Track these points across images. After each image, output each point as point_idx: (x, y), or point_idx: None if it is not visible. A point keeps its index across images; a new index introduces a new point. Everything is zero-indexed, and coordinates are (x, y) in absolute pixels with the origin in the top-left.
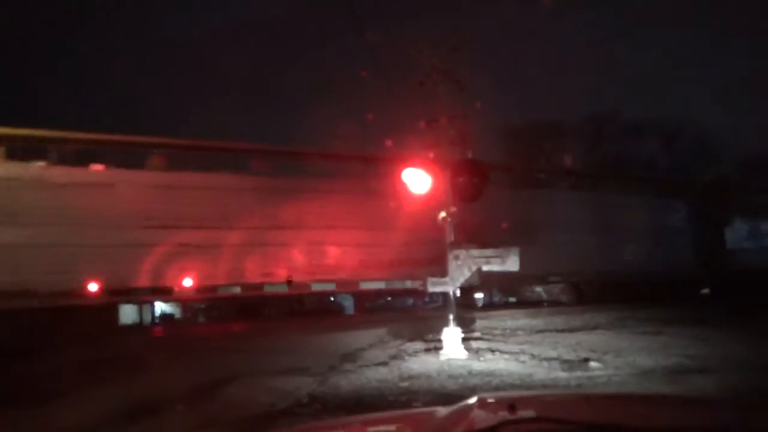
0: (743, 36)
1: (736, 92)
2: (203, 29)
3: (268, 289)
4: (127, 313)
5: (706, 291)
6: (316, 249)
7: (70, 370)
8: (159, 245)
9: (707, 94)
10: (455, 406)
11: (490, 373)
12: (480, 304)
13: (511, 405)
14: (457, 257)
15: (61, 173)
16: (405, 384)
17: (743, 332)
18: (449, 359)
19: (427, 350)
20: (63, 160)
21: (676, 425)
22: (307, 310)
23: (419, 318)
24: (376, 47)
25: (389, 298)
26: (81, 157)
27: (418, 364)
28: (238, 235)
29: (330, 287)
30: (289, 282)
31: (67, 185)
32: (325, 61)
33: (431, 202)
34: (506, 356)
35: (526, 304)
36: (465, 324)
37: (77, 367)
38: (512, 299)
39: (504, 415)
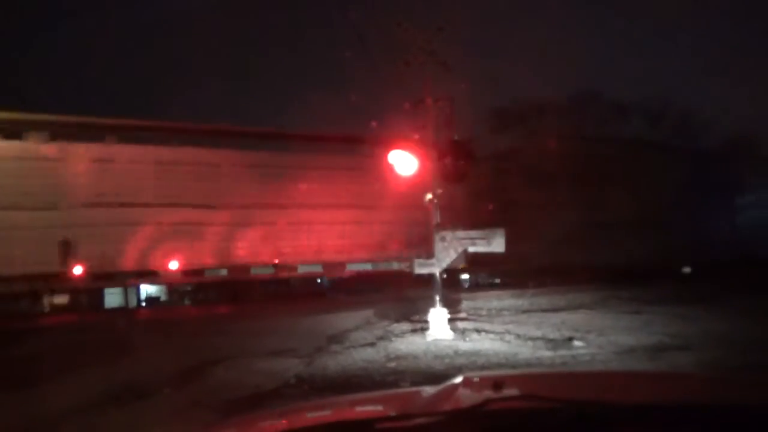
0: (727, 16)
1: (718, 71)
2: (183, 8)
3: (254, 272)
4: (113, 296)
5: (687, 270)
6: (303, 230)
7: (56, 353)
8: (144, 226)
9: (690, 74)
10: (441, 386)
11: (476, 353)
12: (466, 285)
13: (497, 384)
14: (443, 239)
15: (42, 150)
16: (392, 364)
17: (723, 310)
18: (435, 340)
19: (414, 331)
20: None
21: (659, 401)
22: (294, 292)
23: (405, 299)
24: (361, 27)
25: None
26: (58, 135)
27: (405, 344)
28: (225, 216)
29: (317, 269)
30: (275, 264)
31: (49, 162)
32: (309, 40)
33: (417, 184)
34: (492, 336)
35: (512, 284)
36: (451, 305)
37: (63, 351)
38: (497, 280)
39: (489, 393)
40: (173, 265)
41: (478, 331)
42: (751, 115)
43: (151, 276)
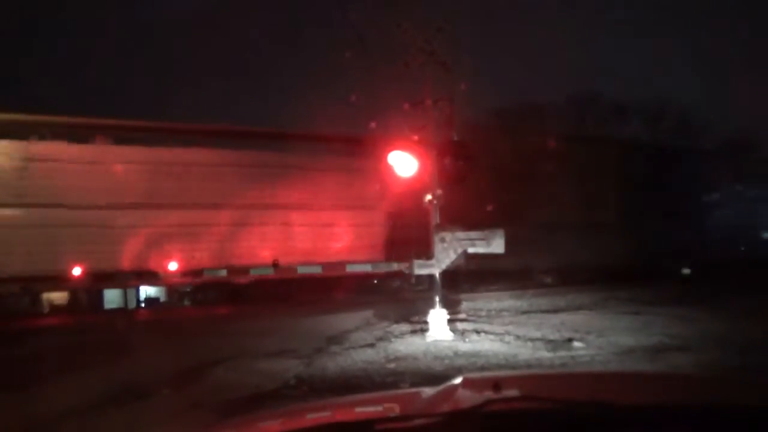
0: (725, 16)
1: (718, 72)
2: (183, 8)
3: (254, 273)
4: (112, 297)
5: (687, 271)
6: (303, 231)
7: (54, 354)
8: (143, 227)
9: (689, 75)
10: (441, 387)
11: (476, 354)
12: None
13: (496, 384)
14: (443, 239)
15: (41, 150)
16: (391, 365)
17: (722, 311)
18: (435, 340)
19: (414, 332)
20: (42, 138)
21: (658, 402)
22: (294, 292)
23: (405, 300)
24: (361, 27)
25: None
26: (60, 135)
27: (405, 345)
28: (224, 217)
29: (316, 270)
30: (275, 265)
31: (47, 162)
32: (308, 40)
33: (417, 185)
34: (491, 337)
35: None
36: (451, 305)
37: (62, 351)
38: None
39: (489, 394)
40: (172, 266)
41: (477, 332)
42: (750, 115)
43: (150, 277)
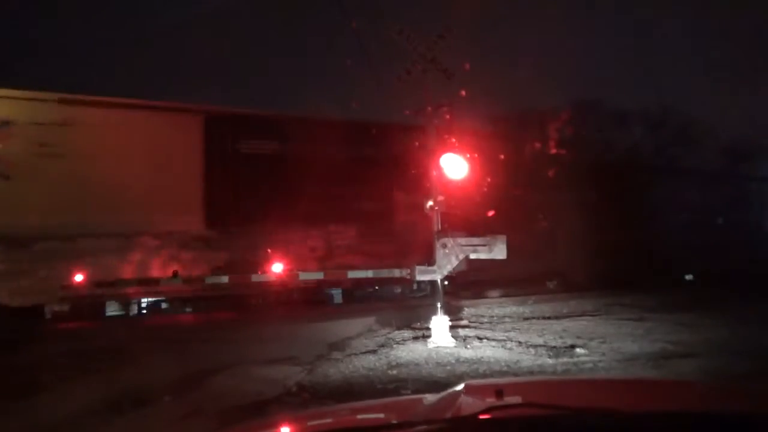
0: (727, 21)
1: (720, 79)
2: (182, 13)
3: (255, 279)
4: (113, 304)
5: (689, 277)
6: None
7: (55, 361)
8: (144, 233)
9: (691, 82)
10: (443, 393)
11: (478, 361)
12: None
13: (498, 391)
14: (444, 245)
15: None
16: (393, 372)
17: (726, 318)
18: (437, 347)
19: (415, 338)
20: None
21: (660, 408)
22: (295, 299)
23: (407, 306)
24: (362, 33)
25: (376, 288)
26: None
27: (407, 352)
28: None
29: (318, 276)
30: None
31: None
32: (310, 47)
33: (417, 189)
34: (493, 343)
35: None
36: (452, 312)
37: (63, 359)
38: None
39: (491, 401)
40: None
41: (479, 338)
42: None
43: (151, 285)
